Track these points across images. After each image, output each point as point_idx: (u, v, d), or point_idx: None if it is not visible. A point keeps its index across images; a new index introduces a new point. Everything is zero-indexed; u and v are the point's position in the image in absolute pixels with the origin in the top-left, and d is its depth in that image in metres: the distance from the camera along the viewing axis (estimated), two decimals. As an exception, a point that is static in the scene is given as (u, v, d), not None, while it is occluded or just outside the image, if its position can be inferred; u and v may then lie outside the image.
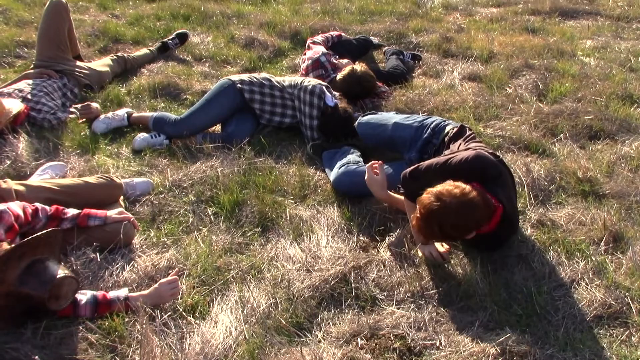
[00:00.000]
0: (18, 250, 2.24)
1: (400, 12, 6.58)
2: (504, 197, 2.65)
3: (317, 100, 3.89)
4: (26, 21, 5.79)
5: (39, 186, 2.87)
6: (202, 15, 6.25)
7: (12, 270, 2.23)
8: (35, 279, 2.25)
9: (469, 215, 2.49)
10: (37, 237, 2.30)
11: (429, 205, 2.48)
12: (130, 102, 4.44)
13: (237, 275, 2.72)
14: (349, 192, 3.32)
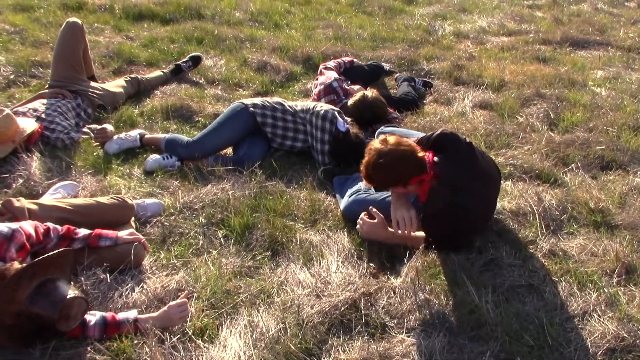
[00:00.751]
0: (29, 270, 2.24)
1: (411, 39, 6.63)
2: (447, 171, 2.84)
3: (329, 125, 3.90)
4: (42, 41, 5.86)
5: (52, 205, 2.88)
6: (215, 39, 6.31)
7: (23, 289, 2.23)
8: (46, 299, 2.25)
9: (395, 164, 2.81)
10: (48, 257, 2.30)
11: (370, 149, 2.89)
12: (143, 123, 4.47)
13: (247, 299, 2.71)
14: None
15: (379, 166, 2.83)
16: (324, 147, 3.92)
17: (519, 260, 2.98)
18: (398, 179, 2.87)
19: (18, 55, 5.42)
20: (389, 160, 2.81)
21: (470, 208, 2.85)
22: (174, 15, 7.02)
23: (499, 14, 7.90)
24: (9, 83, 4.95)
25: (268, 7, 7.62)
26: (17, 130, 3.74)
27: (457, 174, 2.86)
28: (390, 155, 2.82)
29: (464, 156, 2.92)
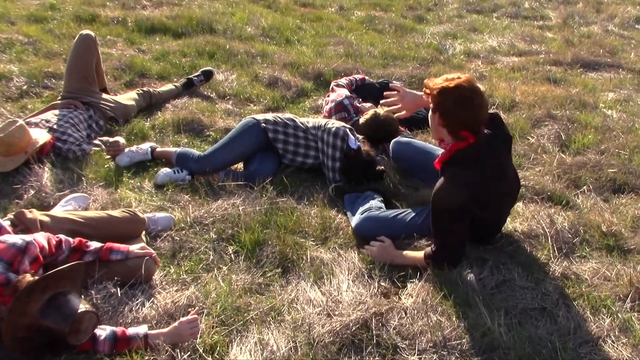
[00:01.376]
0: (42, 283, 2.23)
1: (422, 57, 6.65)
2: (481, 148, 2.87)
3: (340, 142, 3.90)
4: (55, 53, 5.90)
5: (64, 217, 2.88)
6: (227, 54, 6.34)
7: (34, 302, 2.22)
8: (57, 312, 2.24)
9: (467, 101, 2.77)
10: (61, 270, 2.29)
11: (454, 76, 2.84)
12: (154, 136, 4.48)
13: (257, 316, 2.69)
14: (371, 237, 3.31)
15: (451, 93, 2.79)
16: (334, 164, 3.91)
17: (532, 282, 2.96)
18: (450, 113, 2.83)
19: (31, 66, 5.45)
20: (467, 94, 2.78)
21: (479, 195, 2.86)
22: (186, 29, 7.07)
23: (510, 34, 7.92)
24: (21, 94, 4.98)
25: (280, 22, 7.66)
26: (30, 141, 3.75)
27: (486, 157, 2.89)
28: (472, 91, 2.79)
29: (500, 143, 2.98)
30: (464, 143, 2.87)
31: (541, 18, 9.01)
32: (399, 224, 3.30)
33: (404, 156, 3.81)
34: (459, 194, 2.80)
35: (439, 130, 2.94)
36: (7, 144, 3.67)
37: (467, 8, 9.46)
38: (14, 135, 3.68)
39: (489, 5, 9.62)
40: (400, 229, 3.28)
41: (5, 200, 3.49)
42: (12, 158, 3.71)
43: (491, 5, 9.62)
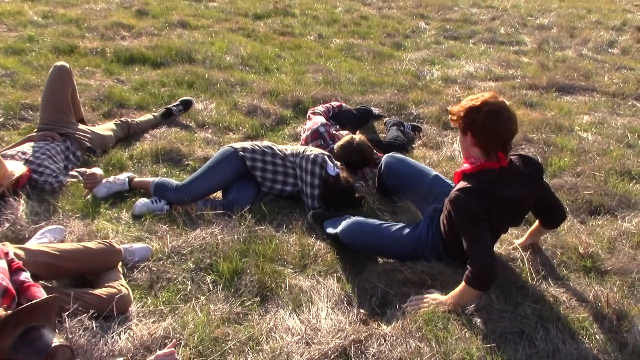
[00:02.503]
0: (14, 318, 2.19)
1: (400, 83, 6.71)
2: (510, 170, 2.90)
3: (319, 169, 3.91)
4: (32, 84, 5.88)
5: (38, 250, 2.84)
6: (206, 83, 6.36)
7: (6, 337, 2.17)
8: (29, 347, 2.19)
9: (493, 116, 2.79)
10: (34, 304, 2.26)
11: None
12: (133, 166, 4.46)
13: (235, 346, 2.66)
14: (355, 242, 3.34)
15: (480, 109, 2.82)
16: (313, 191, 3.92)
17: (510, 306, 2.96)
18: (482, 129, 2.83)
19: (8, 98, 5.43)
20: (496, 108, 2.82)
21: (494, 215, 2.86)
22: (165, 59, 7.09)
23: (486, 59, 8.04)
24: (-2, 125, 4.95)
25: (259, 51, 7.71)
26: (6, 173, 3.71)
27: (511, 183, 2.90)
28: (500, 105, 2.83)
29: (530, 173, 2.99)
30: (496, 164, 2.88)
31: (517, 43, 9.15)
32: (385, 231, 3.31)
33: (396, 172, 3.77)
34: (480, 199, 2.83)
35: (471, 150, 2.93)
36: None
37: (444, 34, 9.59)
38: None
39: (466, 31, 9.76)
40: (389, 239, 3.29)
41: (-21, 233, 3.45)
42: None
43: (468, 31, 9.76)
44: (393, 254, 3.35)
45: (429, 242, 3.21)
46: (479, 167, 2.90)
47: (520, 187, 2.93)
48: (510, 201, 2.89)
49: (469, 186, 2.86)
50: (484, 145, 2.87)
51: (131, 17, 8.92)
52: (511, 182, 2.90)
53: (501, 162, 2.89)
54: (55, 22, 8.44)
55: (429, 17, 10.81)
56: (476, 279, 2.82)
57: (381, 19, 10.44)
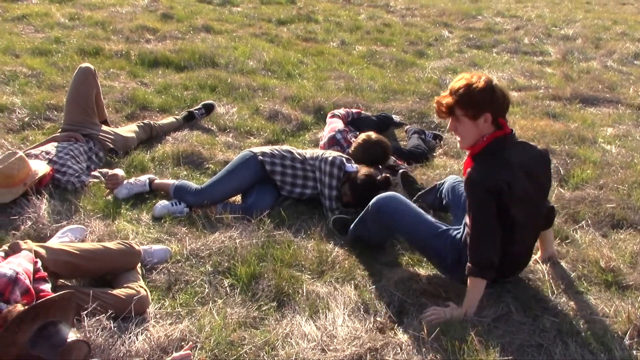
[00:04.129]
0: (32, 312, 2.22)
1: (422, 91, 6.69)
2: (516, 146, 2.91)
3: (337, 170, 3.93)
4: (58, 85, 5.96)
5: (59, 249, 2.86)
6: (228, 87, 6.40)
7: (24, 332, 2.20)
8: (47, 342, 2.21)
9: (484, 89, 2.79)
10: (51, 299, 2.28)
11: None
12: (154, 168, 4.49)
13: (251, 351, 2.67)
14: (385, 208, 3.31)
15: (466, 83, 2.82)
16: (331, 192, 3.93)
17: (529, 318, 2.93)
18: (499, 104, 2.83)
19: (34, 98, 5.50)
20: (477, 83, 2.81)
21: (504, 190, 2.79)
22: (189, 62, 7.14)
23: (509, 69, 7.99)
24: (23, 125, 5.02)
25: (281, 57, 7.74)
26: (29, 173, 3.77)
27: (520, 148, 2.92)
28: (485, 81, 2.82)
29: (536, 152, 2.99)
30: (501, 132, 2.86)
31: (541, 54, 9.08)
32: (418, 212, 3.29)
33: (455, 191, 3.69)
34: (495, 174, 2.79)
35: (483, 131, 2.86)
36: (6, 175, 3.68)
37: (467, 43, 9.55)
38: (13, 167, 3.70)
39: (489, 40, 9.71)
40: (419, 218, 3.25)
41: (1, 231, 3.49)
42: (10, 189, 3.72)
43: (491, 40, 9.71)
44: (414, 235, 3.27)
45: (456, 240, 3.12)
46: (487, 141, 2.87)
47: (531, 154, 2.94)
48: (526, 167, 2.86)
49: (483, 161, 2.85)
50: (495, 119, 2.85)
51: (156, 21, 9.00)
52: (519, 148, 2.92)
53: (505, 128, 2.88)
54: (81, 24, 8.55)
55: (453, 26, 10.78)
56: (477, 265, 2.83)
57: (404, 27, 10.43)
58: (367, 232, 3.49)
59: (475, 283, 2.86)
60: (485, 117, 2.83)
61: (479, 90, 2.80)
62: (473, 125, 2.87)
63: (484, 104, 2.81)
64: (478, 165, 2.85)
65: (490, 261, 2.83)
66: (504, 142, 2.87)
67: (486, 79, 2.83)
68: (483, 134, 2.87)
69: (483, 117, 2.83)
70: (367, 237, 3.53)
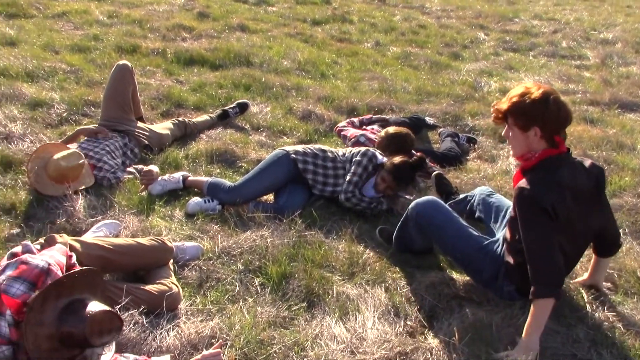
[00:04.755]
0: (53, 290, 2.23)
1: (457, 94, 6.63)
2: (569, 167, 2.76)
3: (367, 161, 4.04)
4: (96, 82, 6.05)
5: (93, 243, 2.90)
6: (262, 86, 6.43)
7: (50, 311, 2.22)
8: (74, 316, 2.22)
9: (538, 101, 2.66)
10: (71, 275, 2.30)
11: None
12: (188, 166, 4.53)
13: (280, 350, 2.67)
14: (425, 215, 3.23)
15: (523, 92, 2.73)
16: (353, 177, 4.00)
17: (563, 327, 2.88)
18: (551, 119, 2.68)
19: (72, 94, 5.60)
20: (533, 94, 2.69)
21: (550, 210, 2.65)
22: (224, 61, 7.20)
23: (546, 72, 7.87)
24: (61, 120, 5.11)
25: (315, 57, 7.75)
26: (79, 179, 3.89)
27: (575, 168, 2.80)
28: (542, 93, 2.69)
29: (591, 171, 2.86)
30: (555, 150, 2.74)
31: (579, 57, 8.93)
32: (459, 223, 3.20)
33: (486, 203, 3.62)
34: (543, 194, 2.65)
35: (533, 145, 2.75)
36: (62, 174, 3.82)
37: (503, 46, 9.44)
38: (73, 169, 3.86)
39: (526, 43, 9.58)
40: (459, 229, 3.17)
41: (39, 224, 3.56)
42: (56, 185, 3.81)
43: (528, 43, 9.58)
44: (453, 247, 3.18)
45: (495, 254, 3.05)
46: (540, 157, 2.75)
47: (582, 177, 2.80)
48: (574, 190, 2.72)
49: (533, 178, 2.72)
50: (548, 135, 2.73)
51: (192, 19, 9.09)
52: (572, 169, 2.78)
53: (561, 147, 2.76)
54: (119, 22, 8.67)
55: (489, 28, 10.66)
56: (543, 285, 2.62)
57: (440, 29, 10.35)
58: (409, 238, 3.41)
59: (543, 305, 2.63)
60: (535, 131, 2.71)
61: (530, 102, 2.68)
62: (523, 137, 2.76)
63: (533, 116, 2.69)
64: (528, 181, 2.71)
65: (557, 278, 2.65)
66: (557, 162, 2.74)
67: (544, 90, 2.69)
68: (533, 149, 2.76)
69: (533, 130, 2.71)
70: (409, 244, 3.46)
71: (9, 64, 6.10)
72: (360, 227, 3.83)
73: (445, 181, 4.22)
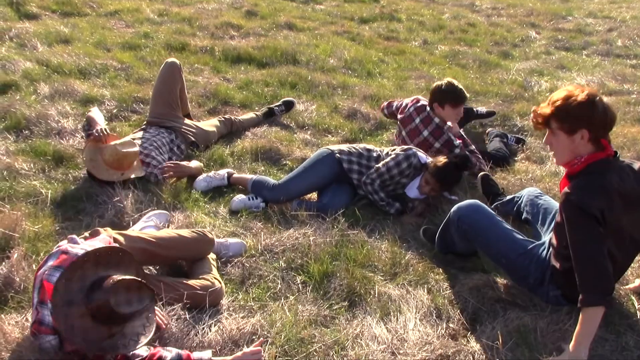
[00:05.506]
0: (76, 269, 2.28)
1: (505, 94, 6.51)
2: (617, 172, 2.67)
3: (405, 162, 3.98)
4: (145, 79, 6.15)
5: (136, 236, 2.94)
6: (308, 84, 6.44)
7: (77, 290, 2.25)
8: (100, 290, 2.27)
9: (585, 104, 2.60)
10: (91, 253, 2.35)
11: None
12: (233, 163, 4.57)
13: (320, 349, 2.66)
14: (467, 218, 3.17)
15: (567, 95, 2.66)
16: (382, 168, 3.97)
17: (612, 334, 2.80)
18: (599, 122, 2.62)
19: (122, 90, 5.71)
20: (579, 97, 2.63)
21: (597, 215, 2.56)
22: (270, 59, 7.23)
23: (600, 72, 7.65)
24: (111, 117, 5.22)
25: (362, 55, 7.72)
26: (132, 167, 4.00)
27: (622, 171, 2.70)
28: (588, 95, 2.63)
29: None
30: (602, 153, 2.66)
31: (635, 57, 8.64)
32: (502, 227, 3.13)
33: (534, 203, 3.56)
34: (591, 199, 2.56)
35: (580, 149, 2.67)
36: (118, 159, 3.93)
37: (555, 45, 9.22)
38: (128, 155, 3.97)
39: (579, 42, 9.33)
40: (502, 233, 3.10)
41: (87, 218, 3.65)
42: (109, 171, 3.92)
43: (581, 42, 9.33)
44: (497, 251, 3.10)
45: (541, 259, 2.97)
46: (586, 162, 2.67)
47: (631, 180, 2.69)
48: (623, 195, 2.62)
49: (579, 183, 2.64)
50: (595, 138, 2.64)
51: (240, 18, 9.16)
52: (620, 172, 2.68)
53: (608, 150, 2.67)
54: (169, 20, 8.81)
55: (540, 26, 10.42)
56: (592, 293, 2.53)
57: (489, 27, 10.17)
58: (450, 240, 3.35)
59: (592, 313, 2.54)
60: (582, 134, 2.62)
61: (577, 104, 2.61)
62: (569, 141, 2.68)
63: (581, 119, 2.61)
64: (575, 186, 2.63)
65: (607, 286, 2.56)
66: (605, 166, 2.66)
67: (589, 92, 2.62)
68: (579, 153, 2.68)
69: (580, 134, 2.63)
70: (451, 246, 3.40)
71: (62, 61, 6.27)
72: (403, 227, 3.80)
73: (491, 182, 4.14)
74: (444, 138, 4.47)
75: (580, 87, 2.68)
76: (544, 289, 2.94)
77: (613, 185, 2.61)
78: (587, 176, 2.65)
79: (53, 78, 5.87)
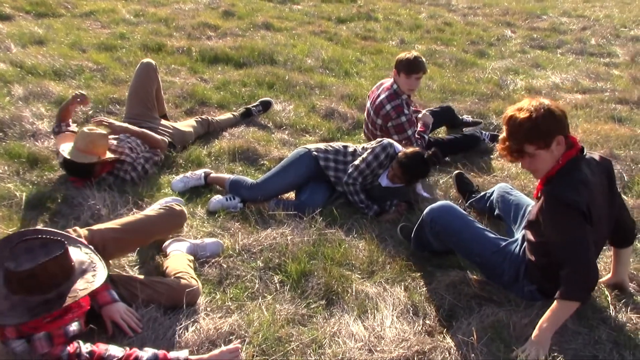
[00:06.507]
0: None
1: (481, 92, 6.57)
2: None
3: (382, 153, 3.98)
4: (121, 80, 6.11)
5: (104, 228, 2.90)
6: (285, 84, 6.44)
7: None
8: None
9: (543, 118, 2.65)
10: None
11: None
12: (210, 163, 4.56)
13: (298, 348, 2.67)
14: (440, 220, 3.20)
15: (524, 118, 2.68)
16: (362, 164, 3.97)
17: (585, 328, 2.84)
18: (566, 125, 2.70)
19: (98, 92, 5.67)
20: (537, 113, 2.67)
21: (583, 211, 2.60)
22: (248, 59, 7.22)
23: (574, 70, 7.75)
24: (87, 118, 5.17)
25: (339, 55, 7.73)
26: (105, 151, 3.99)
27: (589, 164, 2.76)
28: (539, 109, 2.68)
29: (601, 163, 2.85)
30: (574, 150, 2.72)
31: (608, 55, 8.77)
32: (474, 226, 3.17)
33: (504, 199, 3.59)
34: (576, 193, 2.60)
35: (554, 154, 2.72)
36: (88, 141, 3.89)
37: (530, 44, 9.32)
38: (99, 137, 3.97)
39: (554, 41, 9.45)
40: (475, 232, 3.13)
41: (63, 220, 3.62)
42: (86, 155, 3.88)
43: (556, 41, 9.44)
44: (470, 251, 3.14)
45: (514, 256, 3.01)
46: (562, 163, 2.72)
47: (597, 171, 2.79)
48: (596, 186, 2.70)
49: (561, 181, 2.68)
50: (565, 139, 2.71)
51: (217, 18, 9.13)
52: (589, 165, 2.76)
53: (577, 145, 2.74)
54: (145, 20, 8.75)
55: (516, 25, 10.52)
56: (578, 289, 2.58)
57: (465, 26, 10.25)
58: (426, 239, 3.38)
59: (567, 305, 2.61)
60: (557, 140, 2.68)
61: (539, 117, 2.66)
62: (548, 154, 2.72)
63: (551, 127, 2.68)
64: (557, 185, 2.68)
65: (594, 282, 2.62)
66: (577, 161, 2.72)
67: (537, 103, 2.69)
68: (557, 157, 2.73)
69: (555, 141, 2.68)
70: (427, 245, 3.43)
71: (37, 62, 6.20)
72: (380, 225, 3.82)
73: (466, 180, 4.19)
74: (396, 103, 4.61)
75: (520, 105, 2.75)
76: (518, 285, 2.98)
77: (588, 178, 2.67)
78: (565, 175, 2.69)
79: (27, 79, 5.81)
